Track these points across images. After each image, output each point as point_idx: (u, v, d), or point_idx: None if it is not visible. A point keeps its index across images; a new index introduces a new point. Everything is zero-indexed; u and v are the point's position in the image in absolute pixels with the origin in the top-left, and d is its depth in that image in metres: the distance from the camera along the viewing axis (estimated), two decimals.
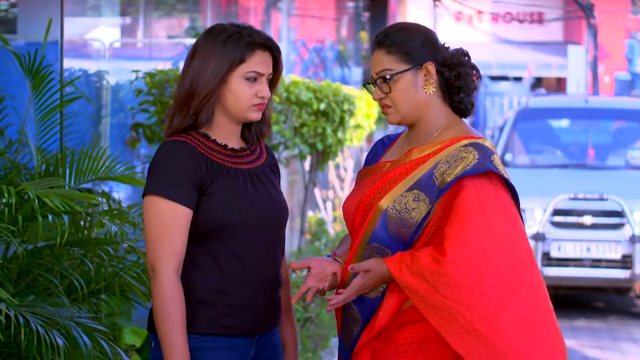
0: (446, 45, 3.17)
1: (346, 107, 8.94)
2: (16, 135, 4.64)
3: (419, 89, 3.13)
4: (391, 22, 22.79)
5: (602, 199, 9.74)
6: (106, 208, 4.51)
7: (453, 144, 3.09)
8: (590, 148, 11.51)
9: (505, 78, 27.46)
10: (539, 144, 11.87)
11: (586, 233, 9.76)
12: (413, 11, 26.19)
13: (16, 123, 4.75)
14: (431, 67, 3.12)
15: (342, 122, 8.98)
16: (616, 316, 10.18)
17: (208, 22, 11.29)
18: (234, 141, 3.22)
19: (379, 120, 11.87)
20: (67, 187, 4.43)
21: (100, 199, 4.47)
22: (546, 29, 31.04)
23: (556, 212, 9.81)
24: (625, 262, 9.64)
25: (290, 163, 10.39)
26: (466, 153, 3.05)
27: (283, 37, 13.57)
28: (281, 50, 3.25)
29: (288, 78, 8.69)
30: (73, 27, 7.62)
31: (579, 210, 9.83)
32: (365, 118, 10.14)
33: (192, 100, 3.12)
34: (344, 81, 16.15)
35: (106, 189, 5.47)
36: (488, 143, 3.12)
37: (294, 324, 3.38)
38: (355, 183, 3.28)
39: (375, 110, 10.77)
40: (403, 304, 3.07)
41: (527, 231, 9.29)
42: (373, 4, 22.38)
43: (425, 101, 3.13)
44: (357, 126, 9.83)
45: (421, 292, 2.98)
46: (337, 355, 3.29)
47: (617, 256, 9.65)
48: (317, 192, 11.52)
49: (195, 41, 3.20)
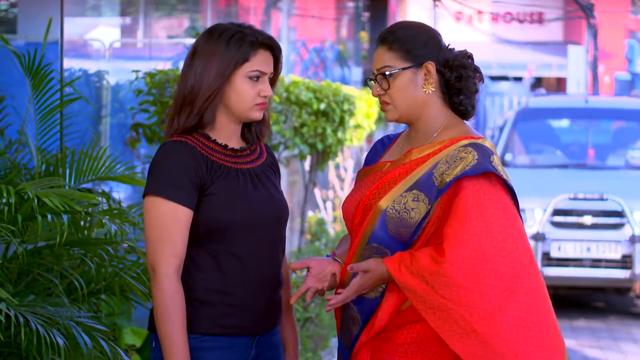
0: (450, 46, 3.17)
1: (346, 107, 8.94)
2: (16, 135, 4.64)
3: (418, 88, 3.12)
4: (391, 22, 22.81)
5: (602, 199, 9.73)
6: (106, 208, 4.51)
7: (453, 144, 3.09)
8: (590, 148, 11.50)
9: (505, 78, 27.47)
10: (539, 144, 11.87)
11: (586, 233, 9.75)
12: (413, 11, 26.18)
13: (16, 123, 4.74)
14: (431, 67, 3.11)
15: (342, 122, 8.98)
16: (616, 316, 10.17)
17: (208, 22, 11.29)
18: (234, 141, 3.22)
19: (379, 120, 11.86)
20: (67, 187, 4.43)
21: (100, 199, 4.47)
22: (546, 29, 31.04)
23: (556, 212, 9.81)
24: (625, 262, 9.64)
25: (290, 163, 10.38)
26: (466, 153, 3.05)
27: (283, 37, 13.57)
28: (282, 49, 3.25)
29: (288, 78, 8.69)
30: (73, 27, 7.62)
31: (579, 210, 9.82)
32: (365, 118, 10.14)
33: (196, 100, 3.12)
34: (344, 81, 16.14)
35: (106, 189, 5.47)
36: (488, 143, 3.12)
37: (295, 324, 3.38)
38: (354, 183, 3.28)
39: (375, 110, 10.76)
40: (402, 304, 3.07)
41: (527, 231, 9.28)
42: (373, 4, 22.39)
43: (423, 100, 3.13)
44: (357, 126, 9.83)
45: (420, 293, 2.98)
46: (337, 355, 3.29)
47: (617, 256, 9.65)
48: (317, 192, 11.51)
49: (195, 41, 3.20)
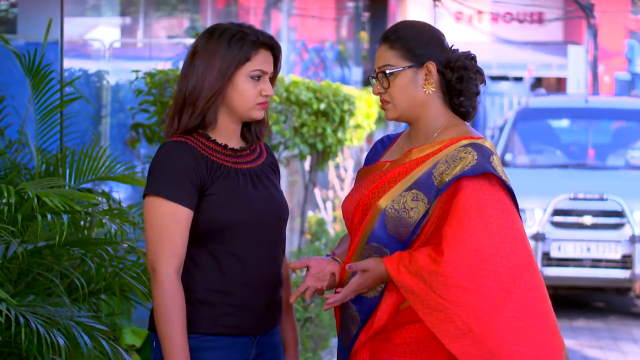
0: (454, 47, 3.17)
1: (346, 107, 8.94)
2: (16, 135, 4.64)
3: (418, 88, 3.12)
4: (391, 22, 22.83)
5: (602, 199, 9.73)
6: (106, 208, 4.51)
7: (452, 144, 3.09)
8: (590, 148, 11.50)
9: (505, 78, 27.47)
10: (539, 144, 11.86)
11: (586, 233, 9.75)
12: (413, 11, 26.17)
13: (16, 123, 4.74)
14: (432, 67, 3.11)
15: (342, 122, 8.98)
16: (616, 316, 10.17)
17: (208, 22, 11.29)
18: (234, 141, 3.22)
19: (379, 120, 11.86)
20: (67, 187, 4.43)
21: (100, 199, 4.47)
22: (546, 29, 31.04)
23: (556, 212, 9.81)
24: (625, 262, 9.64)
25: (290, 163, 10.38)
26: (465, 153, 3.05)
27: (283, 37, 13.56)
28: (281, 49, 3.26)
29: (288, 78, 8.69)
30: (73, 27, 7.62)
31: (579, 210, 9.82)
32: (365, 118, 10.14)
33: (198, 100, 3.12)
34: (344, 81, 16.15)
35: (106, 189, 5.47)
36: (488, 143, 3.12)
37: (295, 324, 3.38)
38: (354, 182, 3.28)
39: (375, 110, 10.76)
40: (401, 304, 3.06)
41: (527, 231, 9.28)
42: (373, 4, 22.38)
43: (423, 100, 3.13)
44: (357, 126, 9.83)
45: (418, 292, 2.98)
46: (336, 354, 3.29)
47: (617, 256, 9.64)
48: (317, 192, 11.51)
49: (194, 41, 3.20)
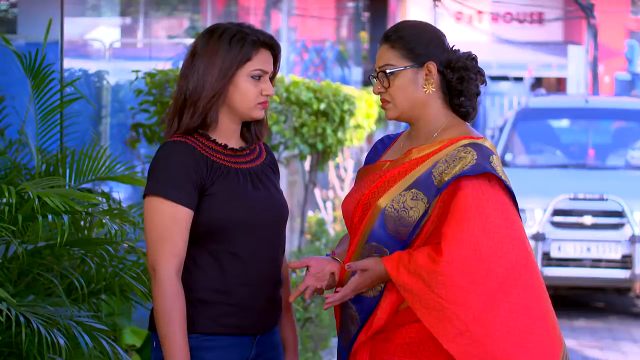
0: (455, 48, 3.17)
1: (346, 107, 8.94)
2: (16, 135, 4.64)
3: (419, 88, 3.13)
4: (391, 22, 22.84)
5: (602, 199, 9.73)
6: (106, 208, 4.51)
7: (452, 144, 3.09)
8: (590, 148, 11.50)
9: (505, 78, 27.48)
10: (539, 144, 11.86)
11: (586, 233, 9.75)
12: (413, 11, 26.17)
13: (16, 123, 4.74)
14: (433, 67, 3.11)
15: (342, 122, 8.98)
16: (616, 316, 10.17)
17: (208, 22, 11.29)
18: (234, 141, 3.22)
19: (379, 120, 11.86)
20: (67, 187, 4.43)
21: (100, 199, 4.47)
22: (546, 29, 31.04)
23: (556, 212, 9.81)
24: (625, 262, 9.64)
25: (290, 163, 10.38)
26: (465, 153, 3.05)
27: (283, 37, 13.56)
28: (281, 49, 3.26)
29: (288, 78, 8.69)
30: (73, 27, 7.62)
31: (579, 210, 9.82)
32: (365, 118, 10.15)
33: (199, 100, 3.12)
34: (344, 81, 16.14)
35: (106, 189, 5.47)
36: (488, 143, 3.12)
37: (294, 323, 3.38)
38: (354, 182, 3.28)
39: (375, 110, 10.76)
40: (401, 304, 3.06)
41: (527, 231, 9.28)
42: (373, 4, 22.39)
43: (424, 100, 3.13)
44: (357, 126, 9.83)
45: (416, 291, 2.97)
46: (336, 354, 3.29)
47: (617, 256, 9.64)
48: (317, 192, 11.51)
49: (194, 41, 3.20)
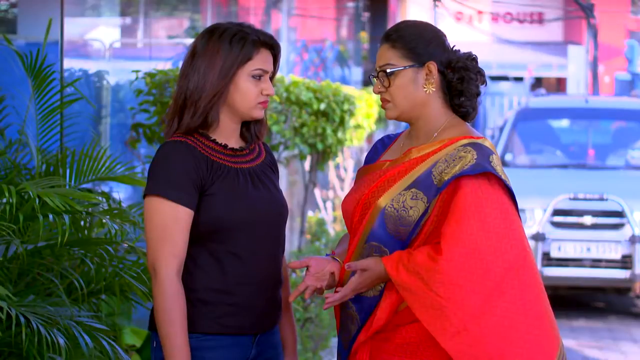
0: (455, 48, 3.17)
1: (346, 107, 8.94)
2: (16, 135, 4.64)
3: (419, 88, 3.13)
4: (391, 22, 22.84)
5: (602, 199, 9.73)
6: (106, 208, 4.51)
7: (452, 144, 3.09)
8: (590, 148, 11.50)
9: (505, 78, 27.48)
10: (539, 144, 11.87)
11: (586, 233, 9.75)
12: (413, 11, 26.18)
13: (16, 123, 4.74)
14: (433, 67, 3.11)
15: (342, 122, 8.98)
16: (616, 316, 10.17)
17: (208, 22, 11.30)
18: (234, 141, 3.22)
19: (379, 120, 11.86)
20: (68, 187, 4.43)
21: (100, 199, 4.47)
22: (546, 29, 31.05)
23: (556, 212, 9.80)
24: (625, 262, 9.63)
25: (290, 163, 10.38)
26: (465, 153, 3.05)
27: (283, 37, 13.57)
28: (281, 49, 3.26)
29: (288, 78, 8.69)
30: (73, 27, 7.62)
31: (579, 210, 9.82)
32: (365, 118, 10.15)
33: (200, 100, 3.12)
34: (344, 81, 16.15)
35: (106, 189, 5.47)
36: (488, 143, 3.12)
37: (293, 323, 3.38)
38: (354, 182, 3.28)
39: (375, 110, 10.76)
40: (401, 304, 3.06)
41: (527, 231, 9.27)
42: (373, 4, 22.40)
43: (424, 100, 3.14)
44: (357, 126, 9.83)
45: (415, 290, 2.97)
46: (336, 354, 3.29)
47: (617, 256, 9.64)
48: (317, 192, 11.52)
49: (193, 41, 3.20)
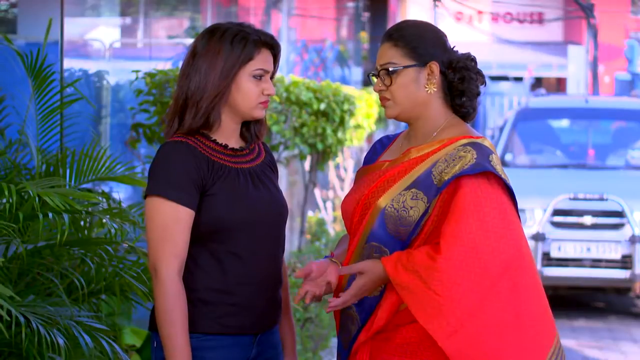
0: (455, 48, 3.17)
1: (346, 107, 8.94)
2: (16, 135, 4.64)
3: (420, 87, 3.13)
4: (391, 22, 22.83)
5: (602, 199, 9.73)
6: (106, 207, 4.51)
7: (452, 144, 3.09)
8: (590, 148, 11.50)
9: (505, 78, 27.49)
10: (539, 144, 11.86)
11: (586, 233, 9.75)
12: (413, 11, 26.18)
13: (16, 123, 4.74)
14: (435, 67, 3.11)
15: (342, 122, 8.98)
16: (616, 316, 10.17)
17: (208, 22, 11.30)
18: (234, 141, 3.22)
19: (379, 120, 11.87)
20: (68, 187, 4.43)
21: (100, 199, 4.47)
22: (546, 29, 31.06)
23: (556, 212, 9.80)
24: (625, 262, 9.63)
25: (290, 163, 10.39)
26: (464, 152, 3.05)
27: (283, 37, 13.57)
28: (281, 49, 3.26)
29: (288, 78, 8.69)
30: (73, 27, 7.62)
31: (579, 210, 9.82)
32: (365, 118, 10.15)
33: (201, 100, 3.12)
34: (344, 81, 16.15)
35: (106, 189, 5.47)
36: (487, 143, 3.12)
37: (293, 323, 3.39)
38: (353, 182, 3.28)
39: (375, 110, 10.76)
40: (402, 304, 3.06)
41: (527, 231, 9.27)
42: (373, 4, 22.40)
43: (424, 100, 3.14)
44: (357, 126, 9.83)
45: (413, 288, 2.97)
46: (336, 354, 3.29)
47: (617, 256, 9.64)
48: (317, 192, 11.52)
49: (194, 41, 3.19)
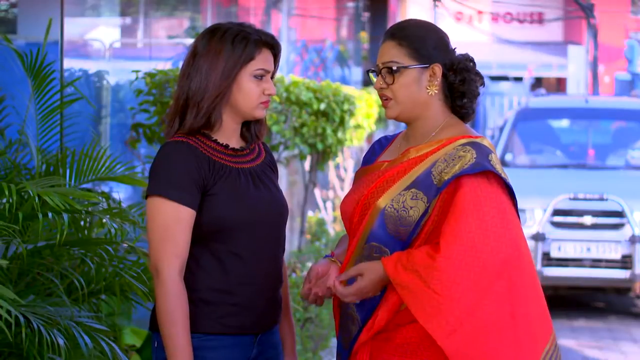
0: (455, 49, 3.17)
1: (346, 107, 8.94)
2: (16, 135, 4.64)
3: (422, 88, 3.13)
4: (391, 22, 22.82)
5: (602, 199, 9.73)
6: (106, 207, 4.51)
7: (451, 143, 3.09)
8: (590, 148, 11.51)
9: (505, 78, 27.50)
10: (539, 144, 11.87)
11: (586, 233, 9.75)
12: (413, 11, 26.18)
13: (16, 123, 4.74)
14: (438, 70, 3.11)
15: (342, 122, 8.99)
16: (616, 316, 10.17)
17: (208, 22, 11.30)
18: (234, 140, 3.22)
19: (379, 120, 11.87)
20: (67, 187, 4.43)
21: (100, 199, 4.47)
22: (546, 29, 31.07)
23: (556, 212, 9.80)
24: (625, 262, 9.63)
25: (290, 163, 10.39)
26: (464, 152, 3.05)
27: (283, 37, 13.57)
28: (281, 49, 3.26)
29: (288, 78, 8.69)
30: (73, 27, 7.62)
31: (579, 210, 9.82)
32: (365, 118, 10.15)
33: (202, 100, 3.12)
34: (344, 81, 16.15)
35: (106, 189, 5.47)
36: (486, 142, 3.12)
37: (293, 323, 3.39)
38: (352, 183, 3.28)
39: (375, 110, 10.77)
40: (402, 304, 3.06)
41: (527, 231, 9.26)
42: (373, 4, 22.40)
43: (425, 101, 3.13)
44: (357, 126, 9.84)
45: (412, 287, 2.96)
46: (336, 354, 3.29)
47: (617, 256, 9.64)
48: (317, 192, 11.52)
49: (194, 41, 3.19)
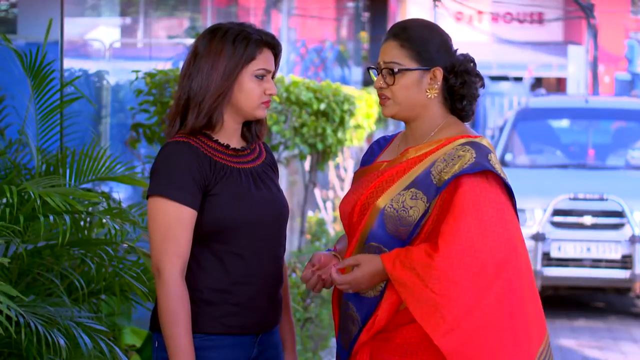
0: (457, 50, 3.16)
1: (346, 107, 8.94)
2: (16, 135, 4.64)
3: (422, 90, 3.12)
4: (391, 22, 22.82)
5: (602, 199, 9.73)
6: (106, 208, 4.51)
7: (450, 143, 3.09)
8: (590, 148, 11.51)
9: (505, 78, 27.52)
10: (539, 144, 11.87)
11: (586, 233, 9.75)
12: (413, 11, 26.18)
13: (16, 123, 4.74)
14: (439, 73, 3.10)
15: (342, 122, 8.98)
16: (616, 316, 10.17)
17: (208, 22, 11.30)
18: (235, 140, 3.22)
19: (379, 120, 11.87)
20: (68, 187, 4.43)
21: (100, 199, 4.47)
22: (546, 29, 31.08)
23: (556, 212, 9.80)
24: (625, 262, 9.63)
25: (290, 163, 10.39)
26: (463, 152, 3.05)
27: (283, 37, 13.57)
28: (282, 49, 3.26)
29: (288, 78, 8.69)
30: (73, 27, 7.62)
31: (579, 210, 9.82)
32: (365, 118, 10.15)
33: (204, 100, 3.12)
34: (344, 81, 16.15)
35: (106, 189, 5.47)
36: (485, 142, 3.12)
37: (293, 323, 3.39)
38: (351, 184, 3.28)
39: (375, 110, 10.76)
40: (402, 303, 3.06)
41: (527, 231, 9.26)
42: (373, 4, 22.40)
43: (424, 103, 3.13)
44: (357, 126, 9.84)
45: (410, 286, 2.97)
46: (335, 355, 3.29)
47: (617, 256, 9.64)
48: (317, 192, 11.52)
49: (194, 41, 3.19)
